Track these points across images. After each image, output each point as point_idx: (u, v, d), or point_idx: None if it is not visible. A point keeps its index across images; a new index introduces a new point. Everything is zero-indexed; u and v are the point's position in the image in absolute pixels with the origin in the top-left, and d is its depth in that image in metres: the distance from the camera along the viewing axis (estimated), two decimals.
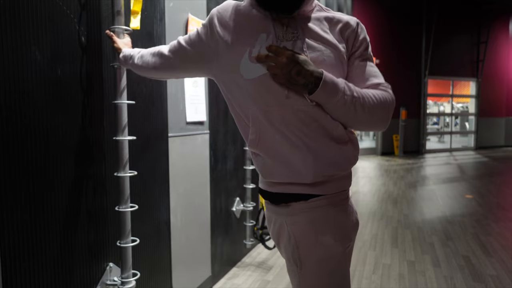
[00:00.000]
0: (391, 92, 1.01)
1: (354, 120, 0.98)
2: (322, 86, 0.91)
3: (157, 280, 1.90)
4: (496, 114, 12.16)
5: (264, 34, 0.97)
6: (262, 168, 1.04)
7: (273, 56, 0.92)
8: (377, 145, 10.38)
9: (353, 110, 0.95)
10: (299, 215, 1.01)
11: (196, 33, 1.07)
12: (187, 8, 2.10)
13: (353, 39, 1.02)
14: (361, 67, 1.02)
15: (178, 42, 1.12)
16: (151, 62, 1.19)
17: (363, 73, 1.01)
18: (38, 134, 1.21)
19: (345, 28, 1.02)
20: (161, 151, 1.91)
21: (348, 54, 1.02)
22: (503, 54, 12.07)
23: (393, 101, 1.00)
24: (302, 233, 1.02)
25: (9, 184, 1.12)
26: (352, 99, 0.94)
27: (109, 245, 1.53)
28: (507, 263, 2.90)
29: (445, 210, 4.53)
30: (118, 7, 1.39)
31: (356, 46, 1.02)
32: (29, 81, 1.17)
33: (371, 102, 0.96)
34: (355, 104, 0.94)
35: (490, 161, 9.13)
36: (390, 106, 0.99)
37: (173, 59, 1.13)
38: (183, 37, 1.12)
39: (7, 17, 1.10)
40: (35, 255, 1.21)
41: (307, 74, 0.91)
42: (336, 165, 0.98)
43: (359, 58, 1.02)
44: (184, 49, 1.09)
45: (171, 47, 1.14)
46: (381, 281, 2.61)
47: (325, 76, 0.92)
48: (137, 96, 1.68)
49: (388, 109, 0.99)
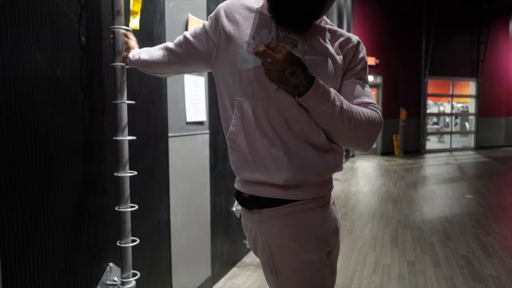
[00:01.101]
0: (380, 114, 1.00)
1: (339, 133, 0.97)
2: (313, 90, 0.91)
3: (157, 280, 1.90)
4: (496, 114, 12.16)
5: (266, 30, 0.98)
6: (236, 162, 1.03)
7: (271, 52, 0.92)
8: (377, 145, 10.38)
9: (340, 122, 0.93)
10: (271, 222, 0.99)
11: (201, 26, 1.10)
12: (187, 8, 2.10)
13: (351, 55, 1.02)
14: (354, 84, 1.01)
15: (184, 36, 1.14)
16: (157, 56, 1.21)
17: (355, 90, 1.00)
18: (38, 134, 1.21)
19: (345, 42, 1.02)
20: (161, 151, 1.92)
21: (345, 70, 1.02)
22: (503, 54, 12.08)
23: (380, 122, 0.99)
24: (275, 242, 0.99)
25: (9, 184, 1.12)
26: (341, 110, 0.93)
27: (109, 245, 1.53)
28: (507, 263, 2.90)
29: (445, 210, 4.53)
30: (118, 7, 1.39)
31: (354, 63, 1.02)
32: (29, 81, 1.17)
33: (358, 118, 0.95)
34: (342, 116, 0.93)
35: (490, 161, 9.13)
36: (377, 126, 0.98)
37: (178, 53, 1.15)
38: (189, 31, 1.14)
39: (7, 17, 1.10)
40: (35, 255, 1.21)
41: (300, 76, 0.91)
42: (312, 170, 0.97)
43: (355, 76, 1.02)
44: (189, 42, 1.12)
45: (177, 41, 1.17)
46: (381, 281, 2.61)
47: (317, 81, 0.92)
48: (137, 96, 1.68)
49: (375, 129, 0.98)
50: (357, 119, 0.94)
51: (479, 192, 5.53)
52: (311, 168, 0.97)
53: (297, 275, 0.99)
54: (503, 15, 11.86)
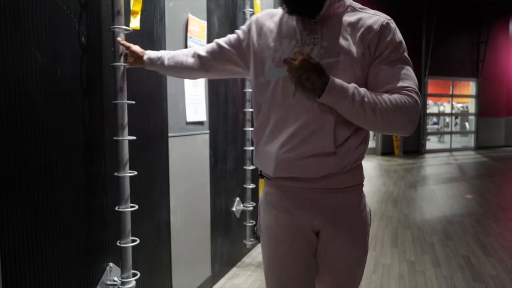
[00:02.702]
0: (415, 95, 1.00)
1: (366, 123, 1.02)
2: (327, 91, 0.98)
3: (157, 280, 1.90)
4: (496, 114, 12.16)
5: (287, 40, 1.08)
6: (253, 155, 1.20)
7: (290, 60, 1.01)
8: (377, 145, 10.38)
9: (362, 114, 0.98)
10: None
11: (236, 36, 1.21)
12: (187, 8, 2.10)
13: (376, 44, 1.02)
14: (384, 71, 1.02)
15: (218, 44, 1.24)
16: (187, 63, 1.29)
17: (383, 77, 1.02)
18: (38, 134, 1.21)
19: (366, 33, 1.03)
20: (161, 151, 1.91)
21: (371, 59, 1.03)
22: (503, 54, 12.07)
23: (413, 105, 0.99)
24: None
25: (9, 184, 1.12)
26: (362, 103, 0.98)
27: (109, 245, 1.53)
28: (507, 263, 2.90)
29: (445, 210, 4.53)
30: (118, 7, 1.39)
31: (381, 50, 1.02)
32: (29, 81, 1.17)
33: (384, 106, 0.98)
34: (364, 108, 0.98)
35: (490, 161, 9.13)
36: (410, 109, 0.99)
37: (213, 60, 1.25)
38: (222, 39, 1.24)
39: (7, 17, 1.10)
40: (35, 255, 1.21)
41: (315, 80, 0.99)
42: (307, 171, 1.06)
43: (384, 62, 1.02)
44: (225, 50, 1.22)
45: (209, 49, 1.26)
46: (381, 281, 2.61)
47: (331, 82, 0.98)
48: (137, 96, 1.68)
49: (407, 113, 0.99)
50: (383, 108, 0.98)
51: (479, 192, 5.53)
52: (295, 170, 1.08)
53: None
54: (503, 15, 11.85)
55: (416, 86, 1.02)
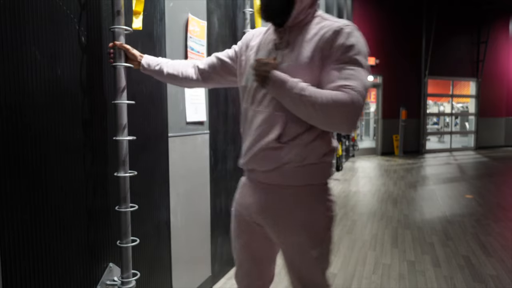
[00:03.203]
0: (354, 94, 1.03)
1: (309, 117, 1.08)
2: (270, 85, 1.12)
3: (157, 280, 1.90)
4: (496, 114, 12.16)
5: (264, 48, 1.23)
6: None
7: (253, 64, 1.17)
8: (377, 145, 10.38)
9: (303, 107, 1.06)
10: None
11: (233, 50, 1.37)
12: (187, 8, 2.10)
13: (328, 48, 1.10)
14: (332, 71, 1.08)
15: (218, 57, 1.39)
16: (187, 73, 1.42)
17: (331, 77, 1.08)
18: (38, 134, 1.21)
19: (322, 39, 1.11)
20: (161, 151, 1.92)
21: (324, 62, 1.11)
22: (503, 54, 12.07)
23: (352, 102, 1.02)
24: None
25: (9, 184, 1.12)
26: (301, 96, 1.06)
27: (109, 245, 1.53)
28: (507, 263, 2.90)
29: (445, 210, 4.53)
30: (118, 7, 1.39)
31: (331, 53, 1.09)
32: (29, 81, 1.17)
33: (324, 101, 1.03)
34: (305, 102, 1.05)
35: (490, 161, 9.13)
36: (347, 106, 1.03)
37: (213, 73, 1.41)
38: (221, 53, 1.40)
39: (7, 17, 1.10)
40: (35, 255, 1.21)
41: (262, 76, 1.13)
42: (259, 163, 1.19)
43: (333, 63, 1.09)
44: (226, 64, 1.38)
45: (210, 62, 1.41)
46: (381, 281, 2.61)
47: (273, 74, 1.10)
48: (137, 96, 1.68)
49: (345, 109, 1.03)
50: (322, 102, 1.03)
51: (479, 192, 5.53)
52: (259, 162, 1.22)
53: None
54: (503, 15, 11.85)
55: (362, 87, 1.05)
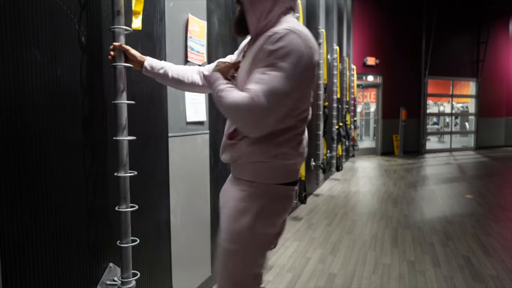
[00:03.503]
0: (252, 98, 1.04)
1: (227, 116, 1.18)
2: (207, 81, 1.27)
3: (157, 280, 1.90)
4: (496, 114, 12.16)
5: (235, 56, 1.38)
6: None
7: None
8: (377, 145, 10.38)
9: (219, 107, 1.15)
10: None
11: (234, 55, 1.43)
12: (187, 8, 2.10)
13: (260, 53, 1.13)
14: (251, 75, 1.12)
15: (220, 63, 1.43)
16: (192, 79, 1.45)
17: (248, 80, 1.12)
18: (38, 134, 1.21)
19: (258, 46, 1.15)
20: (161, 151, 1.91)
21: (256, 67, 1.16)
22: (503, 54, 12.07)
23: (246, 106, 1.05)
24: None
25: (9, 184, 1.12)
26: (217, 96, 1.15)
27: (109, 245, 1.53)
28: (507, 263, 2.90)
29: (445, 210, 4.53)
30: (118, 7, 1.39)
31: (260, 58, 1.12)
32: (29, 81, 1.17)
33: (227, 103, 1.09)
34: (219, 101, 1.13)
35: (490, 161, 9.13)
36: (241, 111, 1.06)
37: None
38: (224, 59, 1.40)
39: (7, 17, 1.10)
40: (35, 255, 1.21)
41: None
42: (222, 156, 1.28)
43: (257, 67, 1.11)
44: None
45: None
46: (381, 281, 2.61)
47: (211, 76, 1.22)
48: (137, 96, 1.68)
49: (240, 114, 1.08)
50: (226, 104, 1.10)
51: (479, 192, 5.53)
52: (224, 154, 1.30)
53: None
54: (503, 15, 11.84)
55: (264, 91, 1.05)
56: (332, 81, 6.37)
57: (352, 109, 8.41)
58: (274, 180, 1.22)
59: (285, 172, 1.23)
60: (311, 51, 1.12)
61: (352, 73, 8.35)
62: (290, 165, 1.22)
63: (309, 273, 2.72)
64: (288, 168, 1.23)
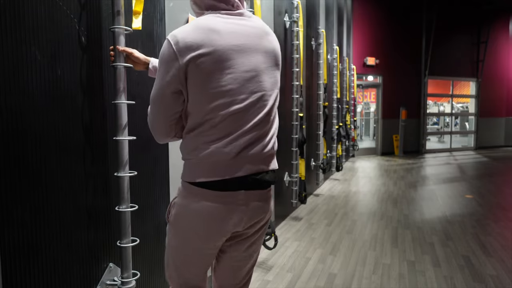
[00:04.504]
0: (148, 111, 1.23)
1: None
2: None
3: (157, 280, 1.90)
4: (496, 114, 12.16)
5: None
6: None
7: None
8: (377, 145, 10.38)
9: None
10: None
11: None
12: (187, 8, 2.10)
13: None
14: None
15: None
16: None
17: None
18: (38, 134, 1.21)
19: None
20: (161, 151, 1.91)
21: None
22: (503, 54, 12.07)
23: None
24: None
25: (9, 184, 1.12)
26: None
27: (109, 245, 1.53)
28: (507, 263, 2.90)
29: (445, 210, 4.53)
30: (118, 7, 1.39)
31: None
32: (29, 81, 1.17)
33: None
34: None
35: (490, 161, 9.13)
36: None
37: None
38: None
39: (7, 17, 1.10)
40: (35, 255, 1.21)
41: None
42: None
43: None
44: None
45: None
46: (381, 281, 2.61)
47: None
48: (137, 96, 1.68)
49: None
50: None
51: (479, 192, 5.53)
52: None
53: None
54: (503, 15, 11.84)
55: (151, 98, 1.21)
56: (332, 81, 6.37)
57: (352, 109, 8.41)
58: (188, 178, 1.20)
59: (194, 170, 1.17)
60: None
61: (352, 73, 8.35)
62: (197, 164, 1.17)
63: (309, 273, 2.72)
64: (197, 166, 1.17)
